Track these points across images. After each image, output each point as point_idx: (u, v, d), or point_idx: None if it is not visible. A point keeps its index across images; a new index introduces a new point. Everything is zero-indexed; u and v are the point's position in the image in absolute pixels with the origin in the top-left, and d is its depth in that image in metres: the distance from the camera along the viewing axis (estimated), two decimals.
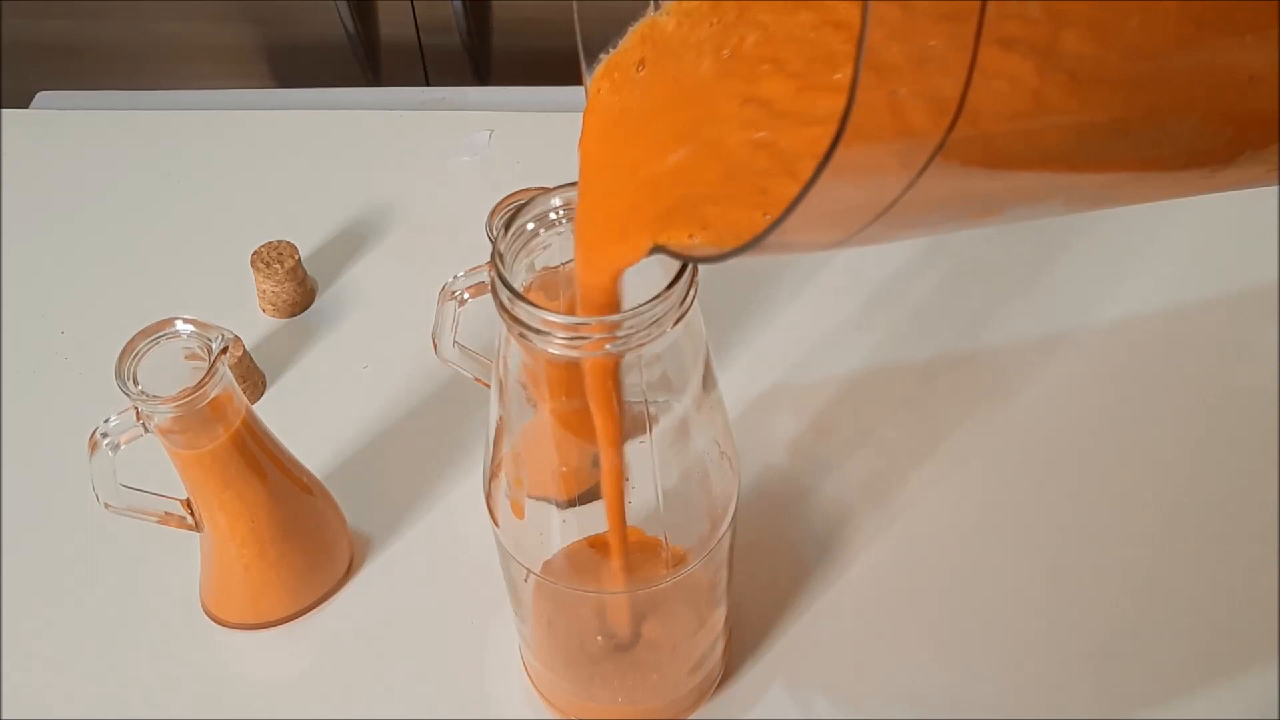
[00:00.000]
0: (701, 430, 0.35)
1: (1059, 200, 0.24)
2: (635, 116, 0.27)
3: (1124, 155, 0.22)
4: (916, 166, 0.19)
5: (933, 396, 0.55)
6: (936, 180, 0.20)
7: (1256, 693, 0.45)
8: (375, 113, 0.74)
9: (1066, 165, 0.22)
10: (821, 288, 0.60)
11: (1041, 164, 0.21)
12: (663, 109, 0.27)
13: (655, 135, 0.27)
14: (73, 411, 0.53)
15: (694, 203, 0.25)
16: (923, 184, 0.20)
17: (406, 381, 0.57)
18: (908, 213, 0.21)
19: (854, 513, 0.51)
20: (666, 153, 0.26)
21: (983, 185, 0.21)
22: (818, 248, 0.23)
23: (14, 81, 1.06)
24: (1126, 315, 0.58)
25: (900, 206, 0.20)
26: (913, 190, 0.20)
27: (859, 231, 0.21)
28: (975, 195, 0.22)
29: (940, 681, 0.46)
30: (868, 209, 0.20)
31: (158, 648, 0.48)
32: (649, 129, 0.27)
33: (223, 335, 0.40)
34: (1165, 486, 0.51)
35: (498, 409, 0.34)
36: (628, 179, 0.27)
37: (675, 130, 0.26)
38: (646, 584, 0.37)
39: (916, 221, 0.23)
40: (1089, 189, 0.23)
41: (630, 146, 0.27)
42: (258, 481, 0.44)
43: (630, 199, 0.27)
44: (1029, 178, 0.22)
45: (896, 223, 0.21)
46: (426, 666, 0.47)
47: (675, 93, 0.26)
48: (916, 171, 0.19)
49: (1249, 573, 0.48)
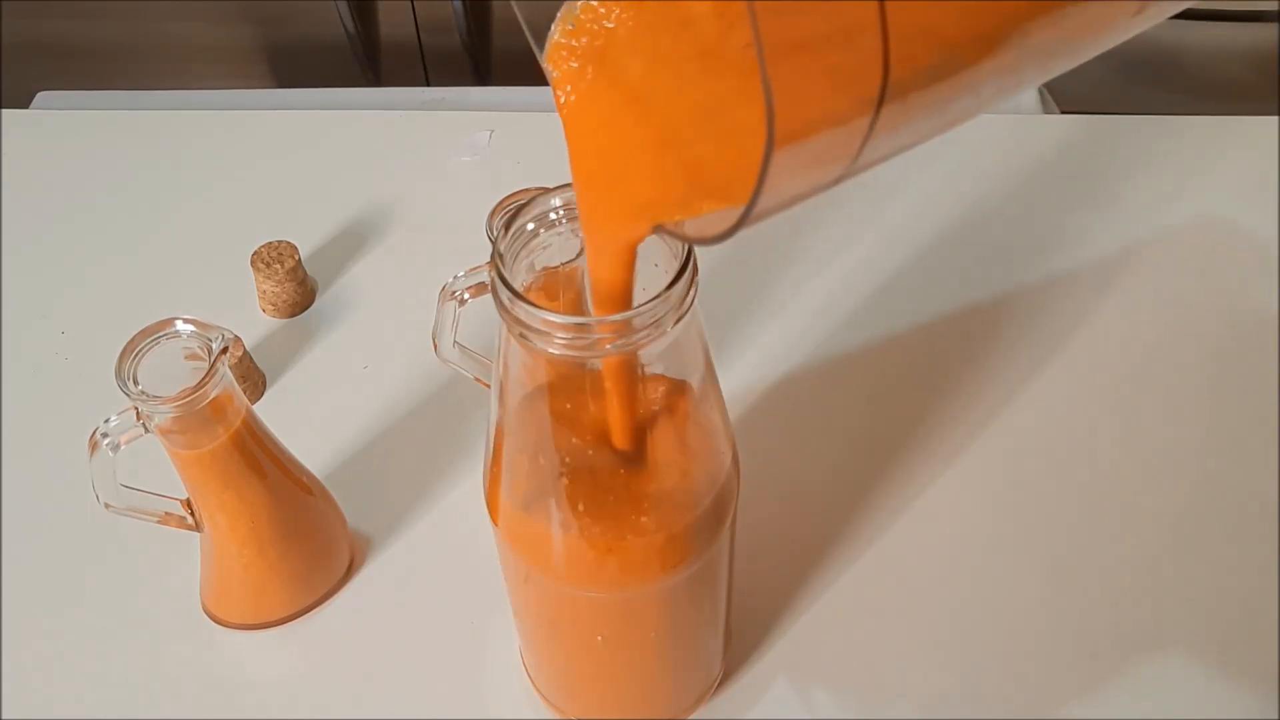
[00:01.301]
0: (702, 429, 0.35)
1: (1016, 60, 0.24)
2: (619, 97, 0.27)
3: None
4: (870, 105, 0.20)
5: (934, 397, 0.55)
6: (892, 108, 0.20)
7: (1256, 693, 0.45)
8: (375, 113, 0.74)
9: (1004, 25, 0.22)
10: (823, 288, 0.60)
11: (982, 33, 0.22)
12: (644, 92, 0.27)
13: (645, 118, 0.27)
14: (73, 411, 0.53)
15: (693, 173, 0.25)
16: (882, 119, 0.20)
17: (406, 381, 0.57)
18: (885, 135, 0.21)
19: (854, 512, 0.51)
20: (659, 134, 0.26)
21: (938, 91, 0.22)
22: (818, 188, 0.23)
23: (14, 81, 1.06)
24: (1127, 316, 0.58)
25: (873, 138, 0.21)
26: (876, 123, 0.20)
27: (851, 165, 0.22)
28: (935, 101, 0.22)
29: (940, 681, 0.46)
30: (840, 153, 0.21)
31: (158, 648, 0.48)
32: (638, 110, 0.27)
33: (223, 335, 0.40)
34: (1166, 486, 0.51)
35: (498, 409, 0.34)
36: (632, 157, 0.27)
37: (660, 115, 0.26)
38: (646, 583, 0.37)
39: (901, 135, 0.23)
40: (1042, 37, 0.23)
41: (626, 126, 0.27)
42: (258, 481, 0.44)
43: (639, 176, 0.27)
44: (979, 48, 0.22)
45: (886, 141, 0.22)
46: (426, 666, 0.47)
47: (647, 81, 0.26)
48: (873, 109, 0.20)
49: (1249, 573, 0.48)
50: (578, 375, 0.32)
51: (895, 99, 0.20)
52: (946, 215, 0.64)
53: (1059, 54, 0.25)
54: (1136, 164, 0.66)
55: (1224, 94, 0.99)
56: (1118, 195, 0.64)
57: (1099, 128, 0.69)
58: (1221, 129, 0.68)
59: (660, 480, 0.35)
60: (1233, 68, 0.97)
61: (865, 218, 0.64)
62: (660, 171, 0.27)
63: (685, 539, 0.36)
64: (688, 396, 0.34)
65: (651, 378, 0.33)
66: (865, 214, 0.64)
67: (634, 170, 0.27)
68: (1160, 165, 0.66)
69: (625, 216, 0.28)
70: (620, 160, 0.27)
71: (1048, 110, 0.72)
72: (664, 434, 0.35)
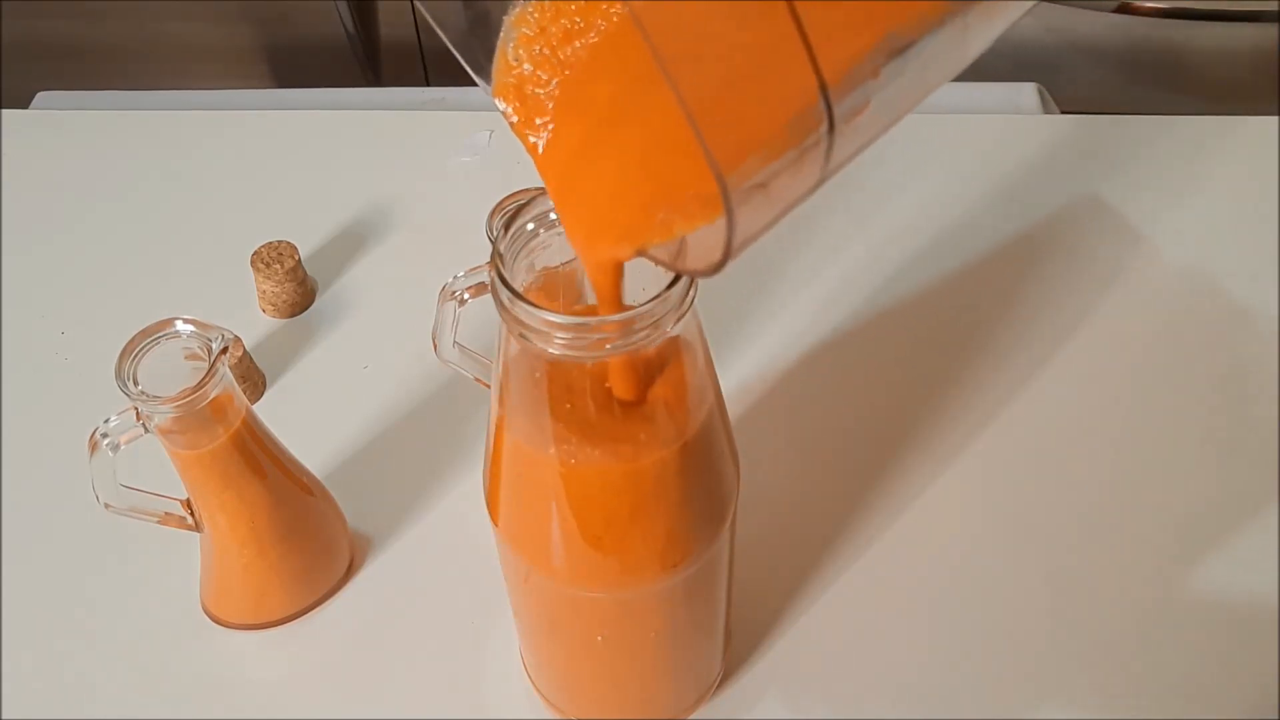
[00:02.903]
0: (702, 429, 0.35)
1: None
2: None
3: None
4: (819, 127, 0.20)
5: (934, 397, 0.55)
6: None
7: (1256, 693, 0.45)
8: (375, 113, 0.74)
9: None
10: (823, 288, 0.60)
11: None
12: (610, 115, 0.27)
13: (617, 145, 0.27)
14: (73, 411, 0.53)
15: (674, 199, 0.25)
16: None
17: (406, 381, 0.57)
18: (844, 135, 0.21)
19: (854, 512, 0.51)
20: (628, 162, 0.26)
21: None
22: (796, 199, 0.23)
23: (14, 81, 1.06)
24: (1127, 315, 0.58)
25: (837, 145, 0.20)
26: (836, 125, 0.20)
27: (826, 172, 0.21)
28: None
29: (940, 682, 0.46)
30: (806, 169, 0.21)
31: (158, 648, 0.48)
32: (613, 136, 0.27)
33: (223, 335, 0.40)
34: (1165, 485, 0.51)
35: (498, 409, 0.34)
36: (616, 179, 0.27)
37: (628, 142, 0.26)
38: (646, 583, 0.37)
39: (870, 127, 0.22)
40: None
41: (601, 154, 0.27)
42: (258, 481, 0.44)
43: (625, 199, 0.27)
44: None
45: (855, 139, 0.21)
46: (426, 666, 0.47)
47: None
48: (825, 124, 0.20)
49: (1249, 572, 0.48)
50: (578, 375, 0.32)
51: (840, 97, 0.20)
52: (946, 215, 0.64)
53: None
54: (1136, 164, 0.66)
55: (1224, 94, 0.99)
56: (1118, 195, 0.64)
57: (1099, 128, 0.69)
58: (1221, 129, 0.68)
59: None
60: (1233, 68, 0.97)
61: (865, 218, 0.64)
62: (636, 197, 0.27)
63: (685, 539, 0.36)
64: (687, 399, 0.34)
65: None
66: (865, 214, 0.64)
67: (609, 198, 0.27)
68: (1160, 165, 0.66)
69: (607, 242, 0.28)
70: (595, 190, 0.27)
71: (1048, 110, 0.72)
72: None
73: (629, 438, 0.33)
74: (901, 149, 0.68)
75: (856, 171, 0.66)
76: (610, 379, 0.32)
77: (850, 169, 0.25)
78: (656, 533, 0.35)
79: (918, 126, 0.69)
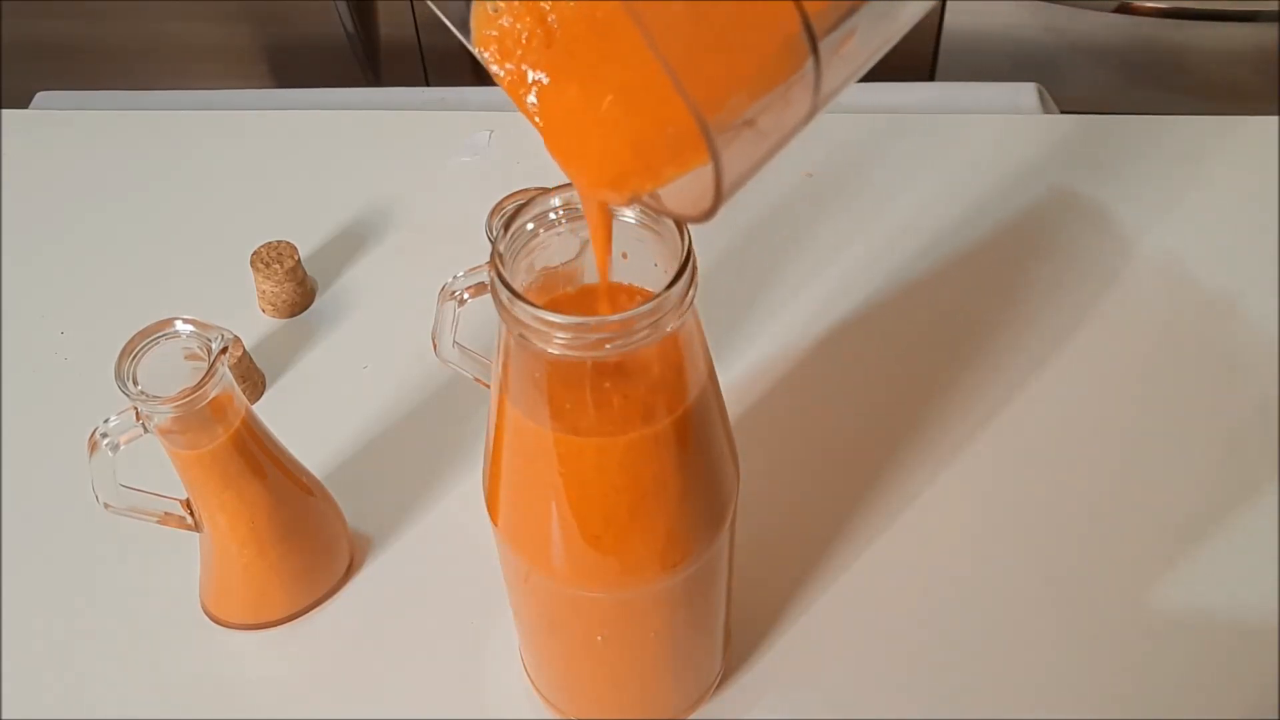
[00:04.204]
0: (702, 429, 0.35)
1: None
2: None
3: None
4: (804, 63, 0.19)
5: (934, 397, 0.55)
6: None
7: (1257, 693, 0.45)
8: (375, 113, 0.74)
9: None
10: (823, 288, 0.60)
11: None
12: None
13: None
14: (73, 411, 0.53)
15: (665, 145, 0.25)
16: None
17: (406, 381, 0.57)
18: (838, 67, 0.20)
19: (854, 512, 0.51)
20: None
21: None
22: (792, 129, 0.22)
23: (14, 81, 1.06)
24: (1127, 315, 0.58)
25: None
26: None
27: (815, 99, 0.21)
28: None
29: (940, 682, 0.45)
30: (798, 94, 0.20)
31: (158, 648, 0.48)
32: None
33: (223, 335, 0.40)
34: (1166, 485, 0.51)
35: (497, 409, 0.34)
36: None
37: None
38: (646, 583, 0.37)
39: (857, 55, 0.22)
40: None
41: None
42: (258, 481, 0.44)
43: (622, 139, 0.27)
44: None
45: (850, 65, 0.21)
46: (426, 666, 0.47)
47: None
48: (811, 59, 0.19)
49: (1249, 572, 0.48)
50: (577, 375, 0.32)
51: (824, 25, 0.20)
52: (946, 215, 0.64)
53: None
54: (1136, 164, 0.66)
55: (1224, 94, 0.99)
56: (1118, 195, 0.64)
57: (1099, 128, 0.69)
58: (1221, 129, 0.68)
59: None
60: (1233, 68, 0.97)
61: (865, 217, 0.64)
62: (626, 143, 0.26)
63: (685, 538, 0.36)
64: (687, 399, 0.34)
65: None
66: (865, 214, 0.64)
67: (600, 146, 0.27)
68: (1160, 165, 0.66)
69: (601, 186, 0.28)
70: (584, 137, 0.27)
71: (1047, 110, 0.72)
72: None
73: (629, 437, 0.33)
74: (902, 149, 0.68)
75: (856, 171, 0.66)
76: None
77: (850, 169, 0.25)
78: (656, 532, 0.35)
79: (918, 126, 0.69)
